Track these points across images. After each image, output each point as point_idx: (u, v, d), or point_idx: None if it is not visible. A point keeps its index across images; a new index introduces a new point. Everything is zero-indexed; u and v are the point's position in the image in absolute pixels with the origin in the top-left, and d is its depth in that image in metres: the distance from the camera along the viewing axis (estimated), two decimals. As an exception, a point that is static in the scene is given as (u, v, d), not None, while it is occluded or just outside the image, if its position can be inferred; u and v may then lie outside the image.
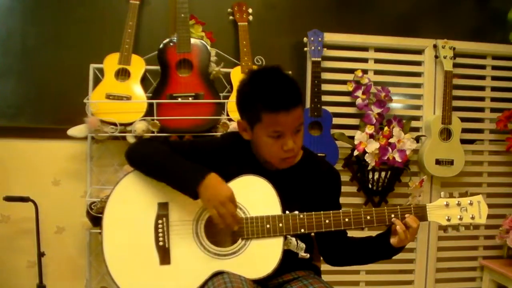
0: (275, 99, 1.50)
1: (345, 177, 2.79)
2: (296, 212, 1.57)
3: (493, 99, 3.07)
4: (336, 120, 2.81)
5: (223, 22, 2.81)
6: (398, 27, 2.99)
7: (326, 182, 1.70)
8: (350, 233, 1.74)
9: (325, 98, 2.80)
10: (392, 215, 1.60)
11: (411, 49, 2.97)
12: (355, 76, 2.85)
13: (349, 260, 1.77)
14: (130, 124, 2.50)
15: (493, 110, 3.06)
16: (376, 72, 2.93)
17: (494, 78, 3.06)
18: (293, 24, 2.91)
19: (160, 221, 1.57)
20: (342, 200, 1.75)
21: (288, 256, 1.58)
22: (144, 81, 2.62)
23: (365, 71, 2.89)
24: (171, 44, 2.58)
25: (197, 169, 1.53)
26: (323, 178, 1.70)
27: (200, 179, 1.49)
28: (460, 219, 1.62)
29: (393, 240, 1.60)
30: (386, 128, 2.76)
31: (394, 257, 1.68)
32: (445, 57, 2.89)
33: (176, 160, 1.57)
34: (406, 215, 1.59)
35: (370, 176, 2.80)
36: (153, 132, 2.50)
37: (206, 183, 1.49)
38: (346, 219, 1.59)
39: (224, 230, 1.54)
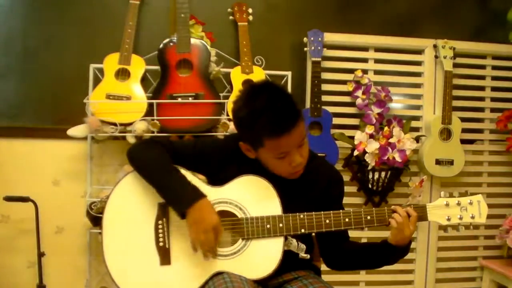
0: (275, 125, 1.47)
1: (345, 177, 2.75)
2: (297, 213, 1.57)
3: (493, 99, 3.07)
4: (336, 120, 2.81)
5: (223, 22, 2.80)
6: (398, 27, 2.99)
7: (329, 187, 1.70)
8: (353, 236, 1.74)
9: (325, 98, 2.80)
10: (393, 214, 1.59)
11: (411, 49, 2.97)
12: (355, 76, 2.85)
13: (351, 264, 1.76)
14: (130, 124, 2.50)
15: (493, 110, 3.06)
16: (376, 72, 2.93)
17: (494, 78, 3.06)
18: (293, 24, 2.91)
19: (160, 222, 1.57)
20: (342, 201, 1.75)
21: (288, 256, 1.58)
22: (144, 81, 2.62)
23: (365, 71, 2.89)
24: (171, 44, 2.58)
25: (190, 191, 1.53)
26: (326, 183, 1.69)
27: (191, 202, 1.49)
28: (460, 218, 1.63)
29: (388, 236, 1.60)
30: (386, 128, 2.76)
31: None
32: (445, 57, 2.88)
33: (173, 176, 1.56)
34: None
35: (370, 176, 2.80)
36: (153, 132, 2.49)
37: (196, 207, 1.49)
38: (347, 219, 1.58)
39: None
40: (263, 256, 1.55)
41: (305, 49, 2.80)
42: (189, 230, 1.51)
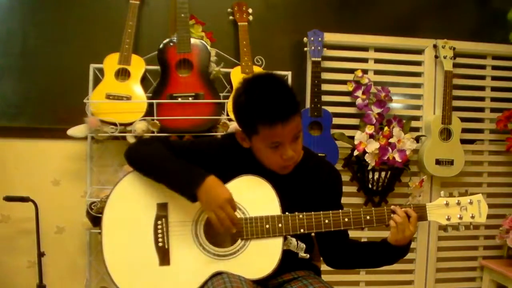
0: (270, 112, 1.47)
1: (345, 177, 2.78)
2: (296, 212, 1.57)
3: (493, 99, 3.07)
4: (336, 120, 2.81)
5: (223, 22, 2.80)
6: (398, 27, 2.99)
7: (327, 183, 1.70)
8: (353, 236, 1.74)
9: (325, 98, 2.80)
10: (392, 215, 1.59)
11: (411, 49, 2.97)
12: (355, 76, 2.85)
13: (350, 263, 1.76)
14: (130, 124, 2.50)
15: (493, 110, 3.06)
16: (376, 72, 2.93)
17: (494, 78, 3.06)
18: (293, 24, 2.91)
19: (159, 222, 1.57)
20: (342, 200, 1.75)
21: (288, 256, 1.58)
22: (144, 81, 2.62)
23: (365, 71, 2.89)
24: (171, 44, 2.58)
25: (196, 171, 1.53)
26: (324, 179, 1.69)
27: (199, 182, 1.49)
28: (460, 218, 1.62)
29: (388, 236, 1.60)
30: (386, 128, 2.76)
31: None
32: (445, 57, 2.88)
33: (175, 162, 1.56)
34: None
35: (370, 176, 2.80)
36: (153, 132, 2.50)
37: (205, 186, 1.49)
38: (346, 219, 1.58)
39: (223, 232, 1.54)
40: (262, 256, 1.54)
41: (305, 49, 2.80)
42: (206, 211, 1.51)
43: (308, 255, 1.64)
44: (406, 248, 1.62)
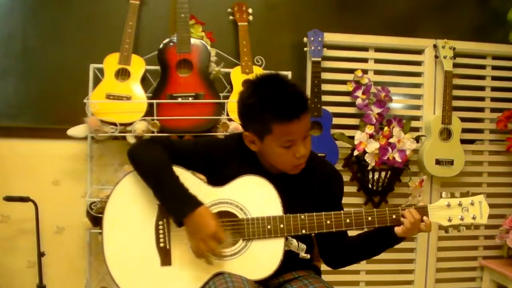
0: (286, 109, 1.48)
1: (345, 177, 2.75)
2: (297, 213, 1.57)
3: (493, 99, 3.07)
4: (336, 120, 2.81)
5: (223, 22, 2.80)
6: (398, 27, 2.99)
7: (328, 185, 1.69)
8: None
9: (325, 98, 2.80)
10: (394, 216, 1.59)
11: (411, 49, 2.97)
12: (355, 76, 2.85)
13: (351, 260, 1.75)
14: (130, 124, 2.50)
15: (493, 110, 3.06)
16: (376, 72, 2.93)
17: (494, 78, 3.06)
18: (293, 24, 2.91)
19: (160, 222, 1.57)
20: (342, 199, 1.75)
21: (288, 256, 1.58)
22: (144, 81, 2.62)
23: (365, 71, 2.89)
24: (171, 44, 2.58)
25: (189, 198, 1.52)
26: (325, 181, 1.69)
27: (189, 211, 1.48)
28: (461, 219, 1.62)
29: (397, 229, 1.60)
30: (386, 128, 2.76)
31: (394, 257, 1.68)
32: (445, 57, 2.89)
33: (171, 181, 1.54)
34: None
35: (370, 176, 2.80)
36: (153, 132, 2.49)
37: (194, 215, 1.48)
38: (347, 220, 1.58)
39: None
40: (264, 257, 1.54)
41: (305, 49, 2.79)
42: (189, 239, 1.52)
43: (308, 256, 1.64)
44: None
